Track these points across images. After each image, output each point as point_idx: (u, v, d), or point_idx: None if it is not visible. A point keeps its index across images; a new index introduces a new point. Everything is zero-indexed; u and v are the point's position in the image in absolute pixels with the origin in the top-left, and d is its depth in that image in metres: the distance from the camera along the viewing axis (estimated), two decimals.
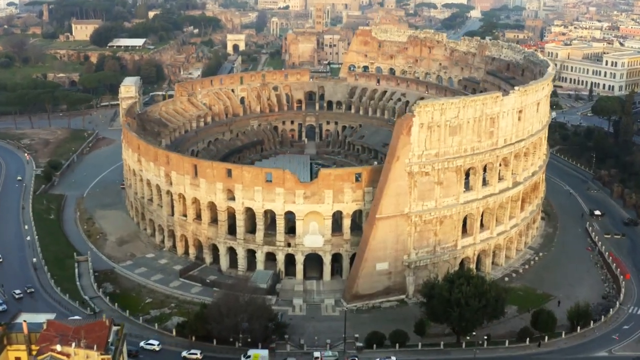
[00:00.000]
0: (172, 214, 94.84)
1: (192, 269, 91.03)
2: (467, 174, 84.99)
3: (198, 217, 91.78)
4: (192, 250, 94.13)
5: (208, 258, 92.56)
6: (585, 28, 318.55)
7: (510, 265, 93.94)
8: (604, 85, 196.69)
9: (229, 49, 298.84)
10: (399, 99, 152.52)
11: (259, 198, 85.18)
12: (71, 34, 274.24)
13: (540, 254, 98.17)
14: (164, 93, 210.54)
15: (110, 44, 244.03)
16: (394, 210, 79.53)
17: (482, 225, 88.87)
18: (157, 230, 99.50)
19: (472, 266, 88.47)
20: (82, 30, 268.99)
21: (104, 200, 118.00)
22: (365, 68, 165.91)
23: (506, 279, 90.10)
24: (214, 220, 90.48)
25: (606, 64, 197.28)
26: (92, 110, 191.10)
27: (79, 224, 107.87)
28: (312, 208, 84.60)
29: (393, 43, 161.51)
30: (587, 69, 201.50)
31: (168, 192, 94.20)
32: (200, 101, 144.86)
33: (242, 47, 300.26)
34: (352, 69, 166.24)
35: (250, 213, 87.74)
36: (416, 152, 78.55)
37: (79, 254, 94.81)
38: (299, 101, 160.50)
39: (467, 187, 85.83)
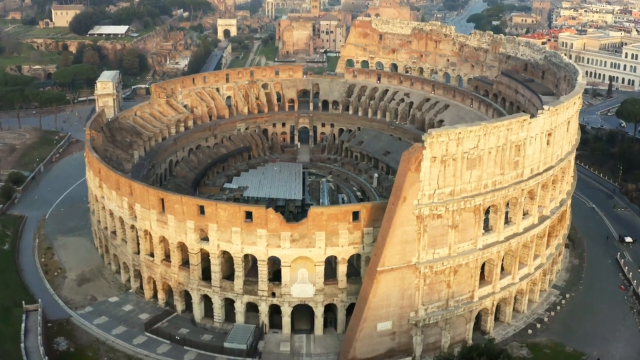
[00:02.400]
0: (138, 252, 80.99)
1: (160, 319, 77.31)
2: (487, 212, 70.93)
3: (167, 257, 77.96)
4: (161, 295, 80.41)
5: (179, 305, 78.90)
6: (596, 12, 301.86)
7: (533, 312, 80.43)
8: (623, 79, 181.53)
9: (220, 34, 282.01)
10: (402, 100, 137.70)
11: (238, 240, 71.21)
12: (51, 20, 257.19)
13: (567, 295, 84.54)
14: (147, 86, 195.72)
15: (90, 32, 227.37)
16: (399, 260, 65.66)
17: (502, 269, 75.09)
18: (122, 268, 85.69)
19: (491, 318, 75.04)
20: (63, 17, 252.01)
21: (68, 223, 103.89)
22: (365, 64, 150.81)
23: (529, 330, 76.59)
24: (186, 263, 76.65)
25: (626, 57, 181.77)
26: (69, 106, 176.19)
27: (37, 256, 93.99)
28: (300, 253, 70.71)
29: (395, 36, 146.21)
30: (605, 62, 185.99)
31: (132, 227, 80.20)
32: (180, 102, 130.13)
33: (233, 32, 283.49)
34: (350, 65, 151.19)
35: (228, 256, 73.90)
36: (427, 191, 64.38)
37: (31, 299, 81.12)
38: (291, 100, 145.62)
39: (486, 226, 71.87)
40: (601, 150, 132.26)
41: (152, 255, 78.88)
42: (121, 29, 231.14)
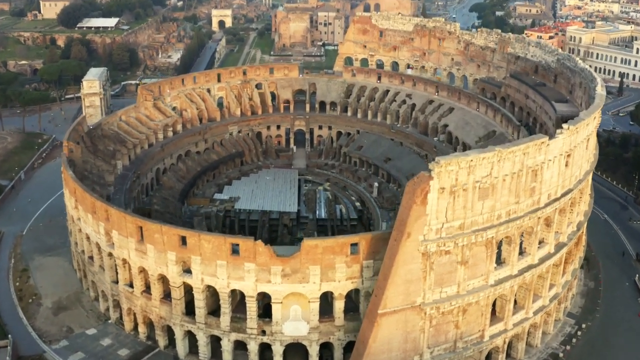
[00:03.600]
0: (117, 282, 74.23)
1: (141, 356, 70.76)
2: (499, 244, 64.11)
3: (148, 288, 71.22)
4: (142, 329, 73.71)
5: (162, 341, 72.24)
6: (602, 1, 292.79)
7: (547, 346, 73.87)
8: (634, 76, 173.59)
9: (214, 25, 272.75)
10: (404, 101, 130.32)
11: (223, 275, 64.43)
12: (39, 11, 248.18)
13: (583, 325, 77.95)
14: (137, 82, 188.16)
15: (79, 25, 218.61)
16: (402, 301, 58.96)
17: (515, 302, 68.41)
18: (101, 297, 78.98)
19: (502, 356, 68.56)
20: (51, 8, 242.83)
21: (46, 240, 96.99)
22: (364, 62, 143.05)
23: None
24: (168, 295, 69.93)
25: (637, 52, 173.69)
26: (55, 104, 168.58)
27: (11, 279, 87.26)
28: (293, 289, 63.96)
29: (396, 32, 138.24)
30: (615, 57, 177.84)
31: (110, 255, 73.36)
32: (169, 105, 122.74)
33: (228, 23, 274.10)
34: (349, 63, 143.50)
35: (213, 289, 67.16)
36: (434, 225, 57.48)
37: (1, 330, 74.60)
38: (287, 101, 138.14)
39: (498, 258, 65.10)
40: (614, 155, 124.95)
41: (131, 285, 72.17)
42: (111, 22, 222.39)
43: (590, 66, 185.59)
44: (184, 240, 65.10)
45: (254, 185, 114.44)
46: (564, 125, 65.07)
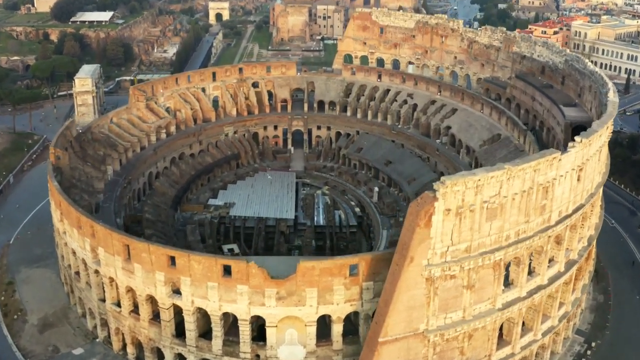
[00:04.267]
0: (104, 300, 70.67)
1: None
2: (507, 265, 60.48)
3: (137, 308, 67.68)
4: (130, 349, 70.27)
5: None
6: None
7: None
8: None
9: (212, 18, 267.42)
10: (405, 101, 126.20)
11: (215, 297, 60.88)
12: (33, 5, 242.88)
13: (593, 343, 74.54)
14: (132, 77, 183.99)
15: (73, 19, 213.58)
16: (404, 329, 55.40)
17: (523, 324, 64.89)
18: (89, 314, 75.46)
19: None
20: (45, 1, 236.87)
21: (34, 250, 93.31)
22: (364, 59, 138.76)
23: None
24: (157, 316, 66.43)
25: None
26: (47, 102, 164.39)
27: None
28: (288, 312, 60.46)
29: (398, 29, 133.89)
30: (621, 53, 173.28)
31: (96, 272, 69.75)
32: (162, 106, 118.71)
33: (226, 16, 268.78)
34: (348, 61, 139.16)
35: (204, 311, 63.60)
36: (438, 249, 53.79)
37: None
38: (284, 101, 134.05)
39: (506, 280, 61.47)
40: (622, 157, 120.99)
41: (119, 305, 68.61)
42: (106, 16, 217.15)
43: (595, 62, 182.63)
44: (173, 260, 61.49)
45: (250, 190, 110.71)
46: (577, 138, 61.17)
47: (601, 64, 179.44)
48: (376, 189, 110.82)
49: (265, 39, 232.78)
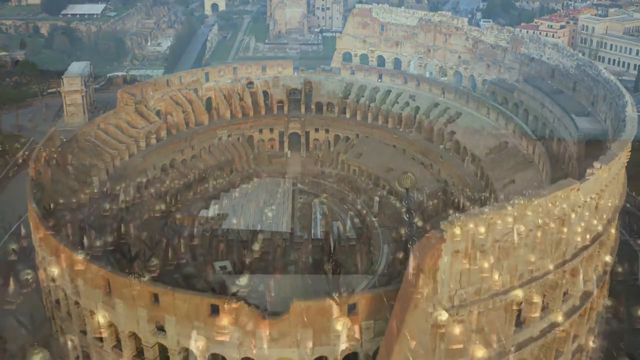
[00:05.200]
0: (86, 332, 66.01)
1: None
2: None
3: (120, 343, 63.03)
4: None
5: None
6: None
7: None
8: None
9: (207, 8, 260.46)
10: (407, 103, 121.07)
11: (202, 338, 56.18)
12: None
13: None
14: (124, 73, 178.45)
15: (64, 12, 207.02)
16: None
17: None
18: (70, 344, 70.76)
19: None
20: None
21: (16, 267, 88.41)
22: (364, 57, 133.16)
23: None
24: (142, 352, 61.78)
25: None
26: (37, 99, 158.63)
27: None
28: (282, 354, 55.70)
29: (399, 27, 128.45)
30: (630, 48, 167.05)
31: (77, 304, 65.00)
32: (152, 109, 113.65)
33: (222, 6, 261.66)
34: (348, 59, 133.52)
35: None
36: (445, 293, 48.93)
37: None
38: (280, 102, 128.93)
39: (517, 318, 56.68)
40: (632, 163, 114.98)
41: (100, 340, 63.95)
42: (97, 8, 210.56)
43: (603, 58, 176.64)
44: (156, 298, 56.70)
45: (244, 200, 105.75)
46: (595, 165, 56.07)
47: (609, 59, 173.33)
48: (377, 198, 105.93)
49: (262, 31, 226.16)
